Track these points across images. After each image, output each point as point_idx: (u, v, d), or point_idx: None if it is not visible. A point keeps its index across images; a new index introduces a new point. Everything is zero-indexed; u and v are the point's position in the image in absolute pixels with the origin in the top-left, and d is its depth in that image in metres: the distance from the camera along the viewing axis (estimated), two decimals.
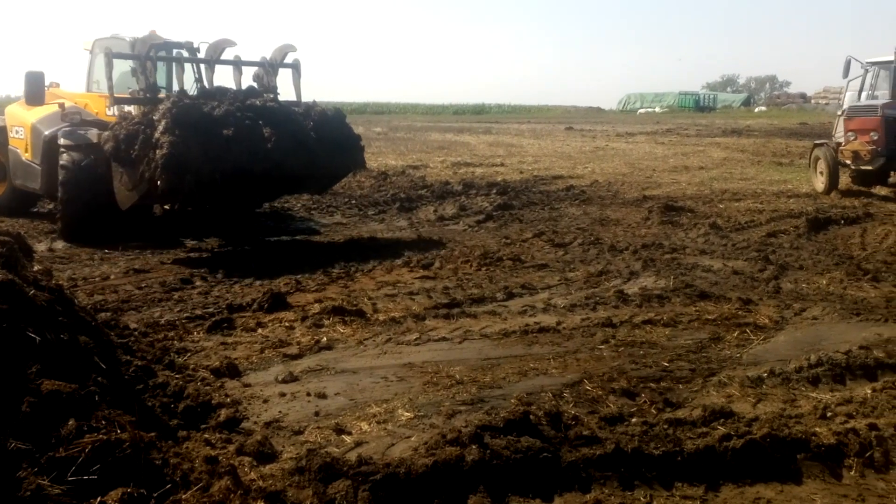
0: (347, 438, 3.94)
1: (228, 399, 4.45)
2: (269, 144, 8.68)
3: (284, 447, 3.82)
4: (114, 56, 9.07)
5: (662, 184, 15.93)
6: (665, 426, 3.93)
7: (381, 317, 6.30)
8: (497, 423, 3.77)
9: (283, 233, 10.82)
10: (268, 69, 10.13)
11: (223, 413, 4.16)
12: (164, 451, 3.04)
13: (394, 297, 6.93)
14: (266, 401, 4.50)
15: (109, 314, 6.02)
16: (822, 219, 10.63)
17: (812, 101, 66.94)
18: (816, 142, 14.89)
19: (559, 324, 6.01)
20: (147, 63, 9.13)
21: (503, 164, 20.19)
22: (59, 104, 10.42)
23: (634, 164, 20.04)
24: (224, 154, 8.32)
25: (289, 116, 9.31)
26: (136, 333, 5.57)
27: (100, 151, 8.86)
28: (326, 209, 12.82)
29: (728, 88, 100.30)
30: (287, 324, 6.08)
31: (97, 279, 7.60)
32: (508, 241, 9.79)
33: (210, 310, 6.46)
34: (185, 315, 6.29)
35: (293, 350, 5.44)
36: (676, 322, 6.07)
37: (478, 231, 10.85)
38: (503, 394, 4.57)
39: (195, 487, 2.95)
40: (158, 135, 8.07)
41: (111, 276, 7.73)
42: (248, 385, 4.76)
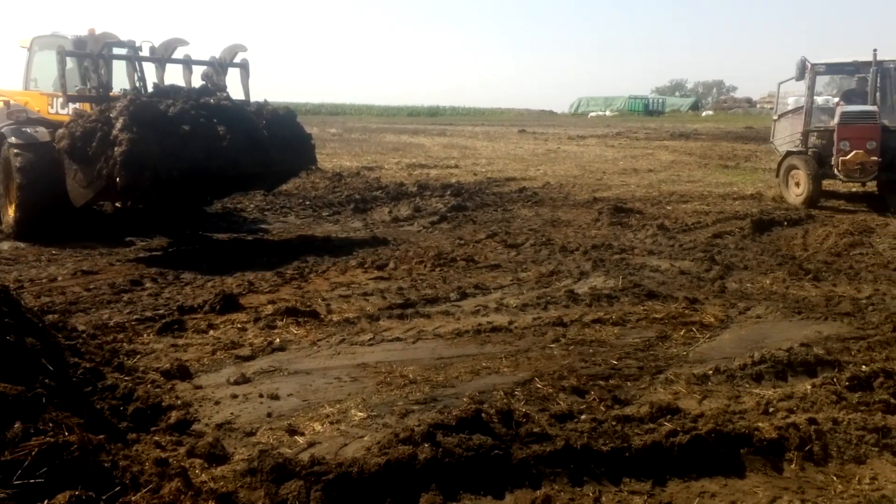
0: (300, 439, 3.94)
1: (179, 401, 4.40)
2: (225, 142, 8.72)
3: (236, 449, 3.80)
4: (67, 54, 8.97)
5: (612, 186, 16.19)
6: (613, 423, 4.01)
7: (335, 317, 6.29)
8: (449, 422, 3.81)
9: (236, 233, 10.72)
10: (217, 68, 10.16)
11: (174, 415, 4.12)
12: (114, 454, 3.01)
13: (348, 298, 6.93)
14: (218, 402, 4.47)
15: (57, 316, 5.90)
16: (766, 220, 10.92)
17: (757, 106, 68.88)
18: (790, 150, 13.41)
19: (511, 323, 6.08)
20: (99, 61, 9.08)
21: (457, 166, 20.29)
22: (5, 101, 10.23)
23: (585, 167, 20.33)
24: (181, 151, 8.34)
25: (242, 115, 9.34)
26: (85, 336, 5.47)
27: (51, 150, 8.77)
28: (280, 210, 12.73)
29: (676, 93, 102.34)
30: (239, 325, 6.03)
31: (44, 281, 7.43)
32: (462, 242, 9.86)
33: (160, 311, 6.36)
34: (135, 317, 6.19)
35: (245, 351, 5.40)
36: (625, 321, 6.18)
37: (432, 232, 10.89)
38: (456, 393, 4.60)
39: (145, 489, 2.93)
40: (117, 132, 8.02)
41: (58, 278, 7.57)
42: (200, 387, 4.71)
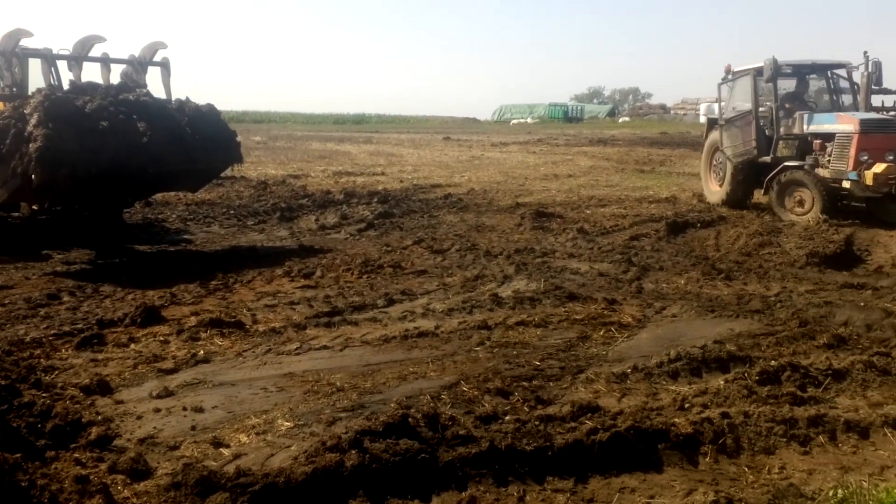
0: (225, 451, 3.90)
1: (100, 417, 4.30)
2: (145, 139, 8.45)
3: (160, 463, 3.74)
4: None
5: (534, 191, 16.52)
6: (537, 423, 4.09)
7: (261, 327, 6.24)
8: (376, 428, 3.83)
9: (158, 244, 10.47)
10: (137, 67, 9.91)
11: (94, 431, 4.02)
12: (31, 473, 2.94)
13: (274, 308, 6.87)
14: (140, 417, 4.38)
15: None
16: (681, 223, 11.29)
17: (671, 112, 71.21)
18: (787, 164, 11.92)
19: (437, 328, 6.16)
20: (13, 59, 8.77)
21: (384, 174, 20.33)
22: None
23: (508, 173, 20.68)
24: (99, 148, 8.07)
25: (163, 111, 9.09)
26: (0, 352, 5.29)
27: None
28: (203, 220, 12.49)
29: (594, 100, 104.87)
30: (162, 338, 5.91)
31: None
32: (389, 249, 9.89)
33: (79, 326, 6.18)
34: (53, 332, 6.00)
35: (168, 364, 5.31)
36: (547, 323, 6.33)
37: (359, 239, 10.88)
38: (383, 399, 4.64)
39: None
40: (31, 128, 7.74)
41: None
42: (121, 402, 4.61)
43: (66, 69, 10.14)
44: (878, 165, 10.77)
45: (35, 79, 9.85)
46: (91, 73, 10.43)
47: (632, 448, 3.90)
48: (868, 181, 10.78)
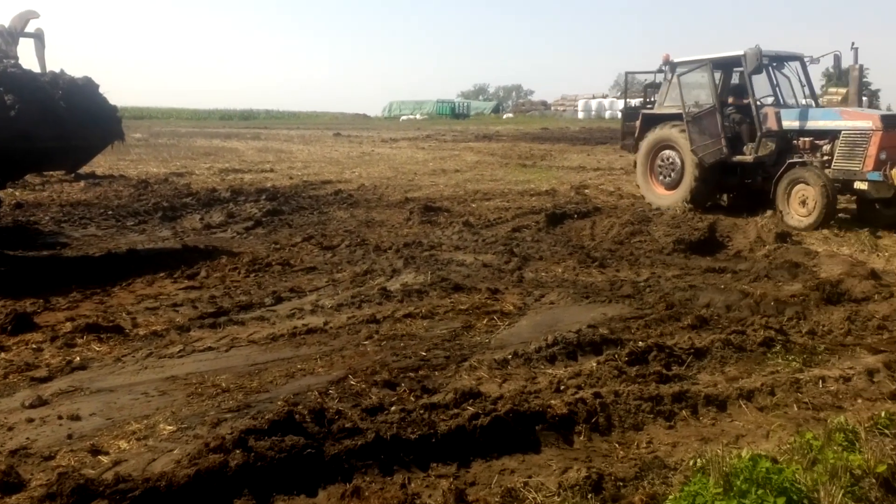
0: (104, 458, 3.82)
1: None
2: (13, 112, 7.82)
3: (33, 474, 3.63)
4: None
5: (423, 186, 16.71)
6: (421, 411, 4.20)
7: (142, 331, 6.09)
8: (262, 426, 3.85)
9: (29, 248, 9.92)
10: (7, 38, 9.13)
11: None
12: None
13: (155, 311, 6.70)
14: (11, 428, 4.21)
15: None
16: (559, 214, 11.70)
17: (552, 108, 73.54)
18: (790, 160, 11.08)
19: (326, 324, 6.19)
20: None
21: (273, 170, 20.00)
22: None
23: (398, 169, 20.81)
24: None
25: (34, 83, 8.39)
26: None
27: None
28: (79, 221, 11.90)
29: (480, 97, 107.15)
30: (34, 345, 5.67)
31: None
32: (278, 247, 9.80)
33: None
34: None
35: (42, 373, 5.10)
36: (434, 314, 6.49)
37: (247, 238, 10.71)
38: (270, 397, 4.64)
39: None
40: None
41: None
42: None
43: None
44: None
45: None
46: None
47: (511, 431, 4.05)
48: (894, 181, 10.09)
